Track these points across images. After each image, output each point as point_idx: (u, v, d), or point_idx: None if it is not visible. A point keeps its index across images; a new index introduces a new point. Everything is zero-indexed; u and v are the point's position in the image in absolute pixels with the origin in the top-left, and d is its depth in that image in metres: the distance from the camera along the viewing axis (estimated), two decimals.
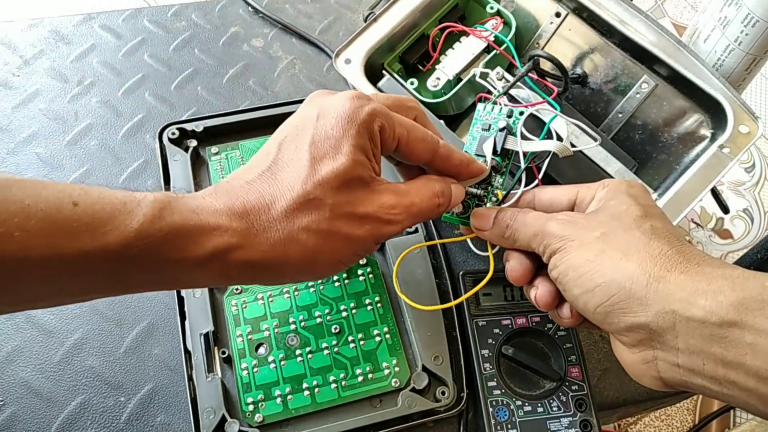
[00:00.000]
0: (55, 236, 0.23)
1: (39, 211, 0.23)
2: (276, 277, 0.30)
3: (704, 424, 0.93)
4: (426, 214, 0.32)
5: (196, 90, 0.54)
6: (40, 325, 0.42)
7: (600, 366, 0.43)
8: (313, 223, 0.28)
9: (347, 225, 0.29)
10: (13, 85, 0.53)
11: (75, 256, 0.24)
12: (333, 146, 0.29)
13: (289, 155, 0.30)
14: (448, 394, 0.39)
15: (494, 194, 0.37)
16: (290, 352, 0.39)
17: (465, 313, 0.41)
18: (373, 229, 0.30)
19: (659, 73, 0.44)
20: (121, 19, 0.57)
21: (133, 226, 0.25)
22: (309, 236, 0.28)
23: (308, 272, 0.31)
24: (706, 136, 0.43)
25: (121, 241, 0.24)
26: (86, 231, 0.24)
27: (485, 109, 0.38)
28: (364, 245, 0.30)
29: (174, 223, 0.26)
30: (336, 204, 0.29)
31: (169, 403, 0.40)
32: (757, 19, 0.46)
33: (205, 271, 0.27)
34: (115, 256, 0.24)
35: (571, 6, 0.46)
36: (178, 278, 0.28)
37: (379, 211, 0.30)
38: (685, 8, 1.38)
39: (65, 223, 0.24)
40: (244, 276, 0.29)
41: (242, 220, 0.28)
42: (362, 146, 0.29)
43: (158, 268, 0.26)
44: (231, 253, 0.27)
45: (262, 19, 0.59)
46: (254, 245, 0.28)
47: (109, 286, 0.27)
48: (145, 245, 0.25)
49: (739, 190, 1.15)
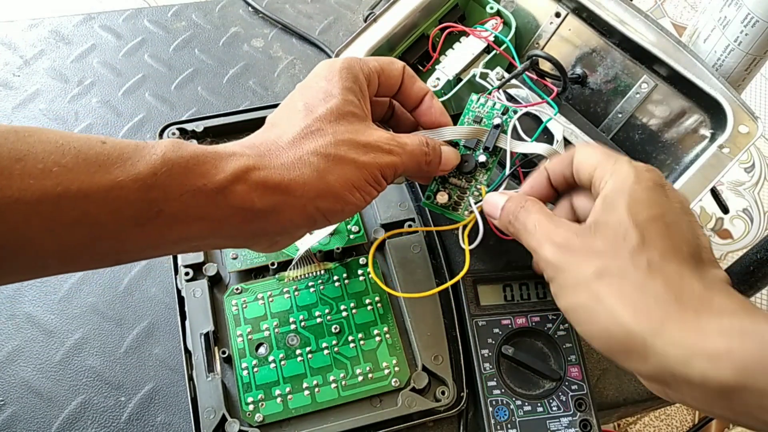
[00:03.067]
0: (89, 170, 0.25)
1: (72, 149, 0.25)
2: (297, 204, 0.30)
3: (704, 424, 0.93)
4: (417, 160, 0.34)
5: (196, 90, 0.54)
6: (40, 325, 0.42)
7: (600, 366, 0.43)
8: (320, 147, 0.30)
9: (352, 151, 0.31)
10: (13, 85, 0.53)
11: (110, 187, 0.25)
12: (324, 93, 0.32)
13: (285, 113, 0.33)
14: (448, 394, 0.39)
15: (477, 189, 0.37)
16: (290, 352, 0.39)
17: (465, 313, 0.41)
18: (376, 157, 0.32)
19: (659, 73, 0.44)
20: (122, 19, 0.57)
21: (157, 154, 0.26)
22: (319, 159, 0.30)
23: (325, 196, 0.31)
24: (706, 136, 0.43)
25: (149, 169, 0.26)
26: (116, 163, 0.25)
27: (478, 101, 0.38)
28: (372, 173, 0.32)
29: (194, 151, 0.28)
30: (337, 132, 0.31)
31: (170, 403, 0.40)
32: (757, 19, 0.46)
33: (228, 197, 0.28)
34: (145, 186, 0.26)
35: (571, 6, 0.46)
36: (206, 212, 0.28)
37: (379, 140, 0.32)
38: (685, 8, 1.38)
39: (97, 158, 0.25)
40: (265, 201, 0.29)
41: (254, 149, 0.30)
42: (350, 88, 0.32)
43: (186, 201, 0.27)
44: (250, 173, 0.29)
45: (263, 19, 0.59)
46: (270, 167, 0.29)
47: (142, 226, 0.27)
48: (170, 171, 0.26)
49: (739, 190, 1.15)
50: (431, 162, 0.35)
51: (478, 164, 0.37)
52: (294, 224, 0.31)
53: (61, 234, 0.25)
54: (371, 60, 0.35)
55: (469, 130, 0.37)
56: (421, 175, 0.36)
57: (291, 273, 0.42)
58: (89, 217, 0.25)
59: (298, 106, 0.32)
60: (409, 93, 0.37)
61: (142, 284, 0.44)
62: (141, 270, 0.44)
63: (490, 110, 0.38)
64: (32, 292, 0.43)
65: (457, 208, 0.38)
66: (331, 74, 0.33)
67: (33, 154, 0.24)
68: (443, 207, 0.38)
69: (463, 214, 0.38)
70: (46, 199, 0.24)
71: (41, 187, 0.24)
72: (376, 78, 0.34)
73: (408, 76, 0.36)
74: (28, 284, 0.43)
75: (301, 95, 0.33)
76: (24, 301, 0.43)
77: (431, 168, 0.35)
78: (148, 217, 0.26)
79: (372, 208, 0.45)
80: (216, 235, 0.29)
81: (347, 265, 0.43)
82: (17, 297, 0.43)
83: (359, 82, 0.33)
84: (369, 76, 0.34)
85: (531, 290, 0.43)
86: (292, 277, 0.42)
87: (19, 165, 0.24)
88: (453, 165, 0.37)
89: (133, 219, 0.26)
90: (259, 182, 0.29)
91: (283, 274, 0.42)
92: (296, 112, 0.32)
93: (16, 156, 0.24)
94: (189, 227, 0.28)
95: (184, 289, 0.41)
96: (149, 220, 0.26)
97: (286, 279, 0.42)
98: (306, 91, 0.33)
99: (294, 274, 0.42)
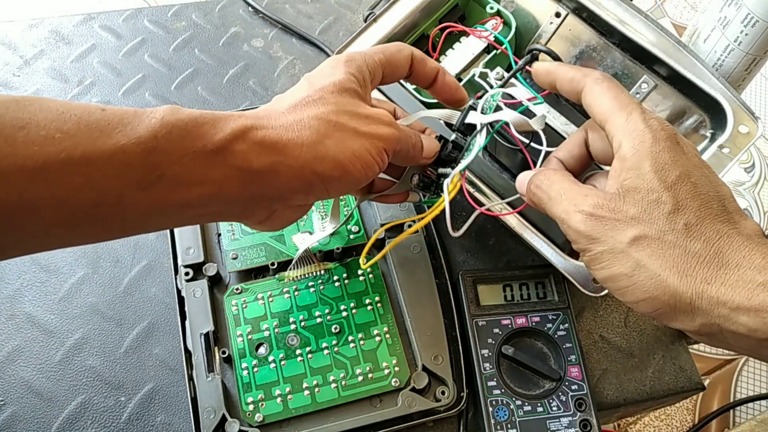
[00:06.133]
0: (91, 136, 0.25)
1: (73, 116, 0.25)
2: (294, 165, 0.30)
3: (704, 424, 0.93)
4: (408, 140, 0.35)
5: (196, 90, 0.54)
6: (40, 325, 0.42)
7: (600, 366, 0.43)
8: (322, 113, 0.31)
9: (353, 120, 0.31)
10: (13, 85, 0.53)
11: (113, 152, 0.25)
12: (328, 73, 0.33)
13: (289, 91, 0.33)
14: (448, 394, 0.39)
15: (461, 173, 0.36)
16: (290, 352, 0.39)
17: (465, 313, 0.41)
18: (378, 128, 0.32)
19: (659, 73, 0.44)
20: (122, 19, 0.57)
21: (156, 118, 0.27)
22: (320, 123, 0.30)
23: (324, 160, 0.30)
24: (706, 136, 0.43)
25: (150, 133, 0.26)
26: (117, 128, 0.26)
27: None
28: (373, 144, 0.32)
29: (192, 113, 0.28)
30: (338, 102, 0.31)
31: (170, 403, 0.40)
32: (757, 19, 0.46)
33: (227, 157, 0.28)
34: (146, 149, 0.26)
35: (571, 6, 0.46)
36: (206, 175, 0.28)
37: (379, 113, 0.33)
38: (685, 8, 1.38)
39: (99, 124, 0.25)
40: (262, 160, 0.29)
41: (253, 113, 0.31)
42: (353, 74, 0.33)
43: (187, 164, 0.27)
44: (248, 132, 0.29)
45: (263, 19, 0.59)
46: (269, 127, 0.30)
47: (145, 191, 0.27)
48: (169, 134, 0.27)
49: (739, 190, 1.15)
50: (416, 145, 0.36)
51: (453, 145, 0.37)
52: (290, 187, 0.30)
53: (65, 200, 0.25)
54: (376, 53, 0.35)
55: (442, 113, 0.38)
56: (410, 158, 0.36)
57: (291, 273, 0.42)
58: (93, 183, 0.25)
59: (302, 84, 0.33)
60: (422, 74, 0.37)
61: (142, 284, 0.44)
62: (141, 270, 0.44)
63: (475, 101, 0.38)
64: (32, 292, 0.43)
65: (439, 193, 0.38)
66: (336, 62, 0.33)
67: (35, 122, 0.24)
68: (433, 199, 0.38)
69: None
70: (50, 166, 0.24)
71: (45, 154, 0.24)
72: (380, 70, 0.35)
73: (418, 60, 0.36)
74: (28, 284, 0.43)
75: (306, 78, 0.33)
76: (24, 301, 0.43)
77: (416, 152, 0.36)
78: (150, 181, 0.27)
79: (372, 208, 0.45)
80: (216, 200, 0.29)
81: (347, 265, 0.43)
82: (17, 297, 0.43)
83: (363, 72, 0.33)
84: (373, 70, 0.34)
85: (531, 290, 0.43)
86: (292, 277, 0.42)
87: (21, 133, 0.24)
88: (434, 151, 0.37)
89: (136, 183, 0.26)
90: (257, 141, 0.29)
91: (283, 274, 0.42)
92: (299, 88, 0.33)
93: (19, 124, 0.24)
94: (190, 191, 0.28)
95: (184, 289, 0.41)
96: (152, 184, 0.27)
97: (286, 279, 0.42)
98: (311, 75, 0.33)
99: (294, 274, 0.42)
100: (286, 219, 0.34)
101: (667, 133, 0.30)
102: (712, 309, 0.26)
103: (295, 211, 0.34)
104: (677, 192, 0.28)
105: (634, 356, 0.44)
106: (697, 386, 0.44)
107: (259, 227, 0.34)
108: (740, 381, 0.98)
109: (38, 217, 0.25)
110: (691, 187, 0.29)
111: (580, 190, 0.31)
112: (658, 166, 0.29)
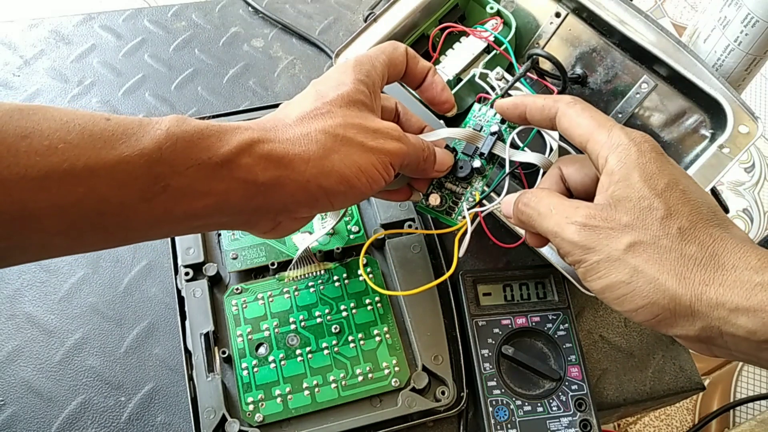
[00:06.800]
0: (95, 146, 0.25)
1: (77, 126, 0.25)
2: (300, 179, 0.30)
3: (704, 424, 0.93)
4: (418, 154, 0.34)
5: (196, 90, 0.54)
6: (40, 325, 0.42)
7: (600, 366, 0.43)
8: (329, 126, 0.31)
9: (360, 134, 0.31)
10: (13, 85, 0.53)
11: (116, 163, 0.25)
12: (336, 82, 0.32)
13: (296, 99, 0.33)
14: (448, 394, 0.39)
15: (472, 195, 0.37)
16: (290, 352, 0.39)
17: (465, 313, 0.41)
18: (385, 143, 0.32)
19: (659, 73, 0.44)
20: (122, 19, 0.57)
21: (162, 129, 0.27)
22: (326, 137, 0.30)
23: (329, 175, 0.30)
24: (706, 136, 0.43)
25: (154, 144, 0.26)
26: (121, 139, 0.26)
27: (480, 110, 0.38)
28: (380, 158, 0.32)
29: (198, 125, 0.28)
30: (347, 116, 0.31)
31: (170, 403, 0.40)
32: (757, 19, 0.46)
33: (233, 170, 0.28)
34: (150, 160, 0.26)
35: (571, 6, 0.46)
36: (211, 186, 0.28)
37: (388, 128, 0.33)
38: (685, 8, 1.38)
39: (102, 135, 0.25)
40: (268, 174, 0.29)
41: (259, 125, 0.30)
42: (362, 80, 0.33)
43: (191, 176, 0.27)
44: (255, 146, 0.29)
45: (263, 20, 0.59)
46: (275, 141, 0.30)
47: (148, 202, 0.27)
48: (174, 146, 0.27)
49: (739, 190, 1.15)
50: (428, 158, 0.35)
51: (473, 170, 0.37)
52: (295, 201, 0.30)
53: (67, 210, 0.25)
54: (381, 56, 0.35)
55: (465, 132, 0.37)
56: (419, 171, 0.36)
57: (291, 273, 0.42)
58: (96, 193, 0.25)
59: (310, 92, 0.33)
60: (414, 73, 0.37)
61: (142, 284, 0.44)
62: (141, 270, 0.44)
63: (491, 119, 0.38)
64: (32, 292, 0.43)
65: (450, 213, 0.38)
66: (344, 68, 0.33)
67: (38, 131, 0.24)
68: (436, 210, 0.38)
69: (456, 219, 0.38)
70: (53, 176, 0.24)
71: (48, 164, 0.24)
72: (386, 72, 0.35)
73: (411, 57, 0.37)
74: (28, 284, 0.43)
75: (314, 85, 0.33)
76: (24, 301, 0.43)
77: (428, 166, 0.35)
78: (154, 192, 0.26)
79: (372, 208, 0.45)
80: (221, 211, 0.29)
81: (347, 265, 0.43)
82: (17, 297, 0.43)
83: (371, 77, 0.33)
84: (382, 74, 0.34)
85: (531, 290, 0.43)
86: (292, 277, 0.42)
87: (25, 142, 0.24)
88: (447, 165, 0.37)
89: (140, 194, 0.26)
90: (263, 155, 0.29)
91: (283, 274, 0.42)
92: (307, 97, 0.32)
93: (22, 133, 0.24)
94: (194, 202, 0.28)
95: (184, 289, 0.41)
96: (155, 195, 0.27)
97: (286, 279, 0.42)
98: (319, 82, 0.33)
99: (294, 274, 0.42)
100: (290, 229, 0.34)
101: (650, 145, 0.30)
102: (711, 311, 0.26)
103: (299, 222, 0.35)
104: (668, 198, 0.29)
105: (634, 356, 0.44)
106: (697, 386, 0.44)
107: (263, 236, 0.34)
108: (740, 381, 0.98)
109: (41, 226, 0.25)
110: (680, 193, 0.29)
111: (570, 203, 0.31)
112: (647, 175, 0.29)
